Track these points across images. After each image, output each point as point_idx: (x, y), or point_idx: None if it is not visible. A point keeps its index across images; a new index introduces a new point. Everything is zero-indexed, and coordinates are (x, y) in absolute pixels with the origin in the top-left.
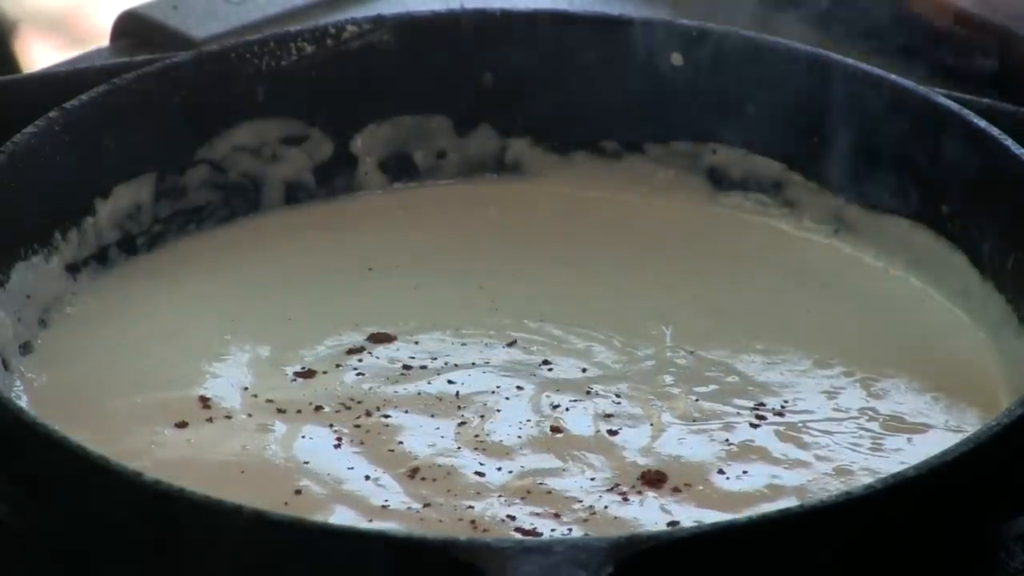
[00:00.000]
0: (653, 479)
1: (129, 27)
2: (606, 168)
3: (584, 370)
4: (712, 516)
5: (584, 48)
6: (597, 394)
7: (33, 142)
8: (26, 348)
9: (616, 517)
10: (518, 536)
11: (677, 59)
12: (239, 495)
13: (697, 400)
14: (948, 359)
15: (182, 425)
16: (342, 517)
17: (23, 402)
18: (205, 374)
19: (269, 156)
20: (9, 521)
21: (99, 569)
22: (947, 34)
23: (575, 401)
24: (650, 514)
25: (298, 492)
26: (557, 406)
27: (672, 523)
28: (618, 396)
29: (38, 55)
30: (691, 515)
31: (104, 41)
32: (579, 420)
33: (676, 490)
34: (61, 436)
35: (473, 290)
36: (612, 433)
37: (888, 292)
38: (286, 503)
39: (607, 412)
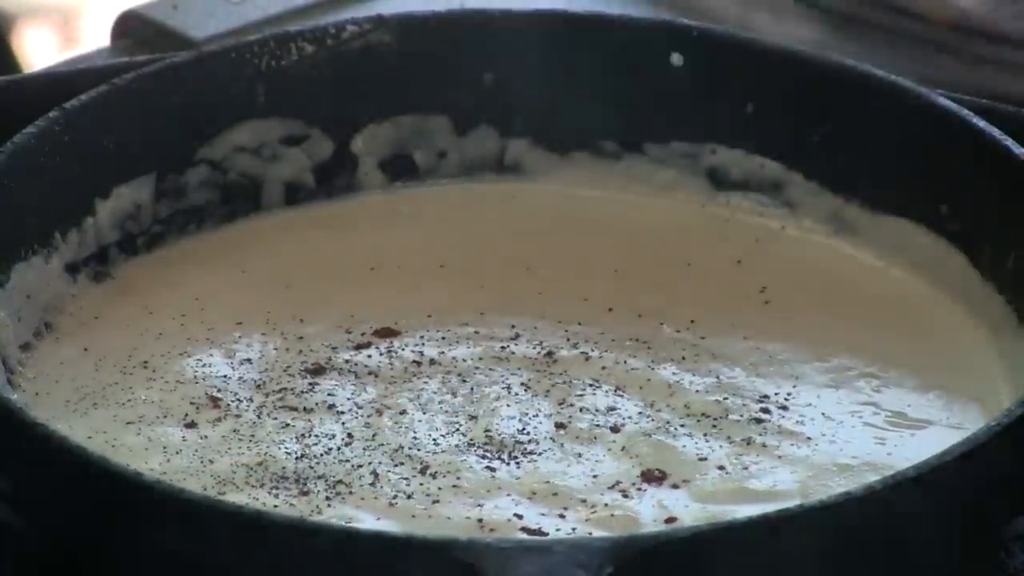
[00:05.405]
0: (654, 476)
1: (129, 27)
2: (606, 168)
3: (586, 366)
4: (713, 512)
5: (584, 48)
6: (600, 390)
7: (33, 142)
8: (26, 348)
9: (618, 515)
10: (523, 535)
11: (677, 59)
12: (246, 495)
13: (699, 392)
14: (949, 358)
15: (191, 425)
16: (349, 515)
17: (23, 402)
18: (212, 373)
19: (269, 156)
20: (9, 521)
21: (99, 570)
22: (947, 34)
23: (578, 396)
24: (651, 511)
25: (305, 493)
26: (562, 402)
27: (671, 519)
28: (620, 392)
29: (38, 55)
30: (691, 512)
31: (104, 41)
32: (582, 415)
33: (676, 487)
34: (61, 436)
35: (474, 289)
36: (614, 429)
37: (888, 292)
38: (292, 504)
39: (610, 406)
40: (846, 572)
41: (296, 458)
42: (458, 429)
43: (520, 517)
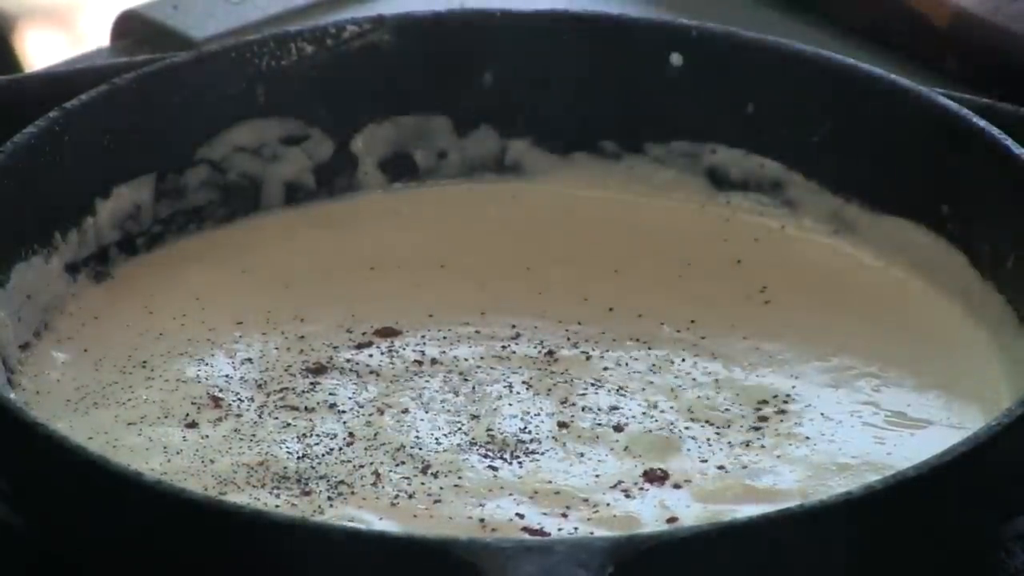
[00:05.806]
0: (656, 475)
1: (129, 27)
2: (606, 168)
3: (588, 365)
4: (714, 512)
5: (584, 48)
6: (601, 390)
7: (33, 142)
8: (26, 348)
9: (619, 515)
10: (524, 535)
11: (677, 59)
12: (247, 496)
13: (699, 397)
14: (949, 358)
15: (192, 425)
16: (351, 515)
17: (23, 402)
18: (213, 373)
19: (269, 156)
20: (9, 521)
21: (99, 570)
22: (947, 34)
23: (580, 396)
24: (652, 511)
25: (306, 493)
26: (564, 401)
27: (672, 519)
28: (622, 391)
29: (38, 55)
30: (693, 512)
31: (104, 41)
32: (585, 415)
33: (677, 486)
34: (61, 436)
35: (474, 289)
36: (617, 428)
37: (888, 292)
38: (293, 504)
39: (612, 406)
40: (846, 572)
41: (297, 458)
42: (460, 428)
43: (522, 517)
